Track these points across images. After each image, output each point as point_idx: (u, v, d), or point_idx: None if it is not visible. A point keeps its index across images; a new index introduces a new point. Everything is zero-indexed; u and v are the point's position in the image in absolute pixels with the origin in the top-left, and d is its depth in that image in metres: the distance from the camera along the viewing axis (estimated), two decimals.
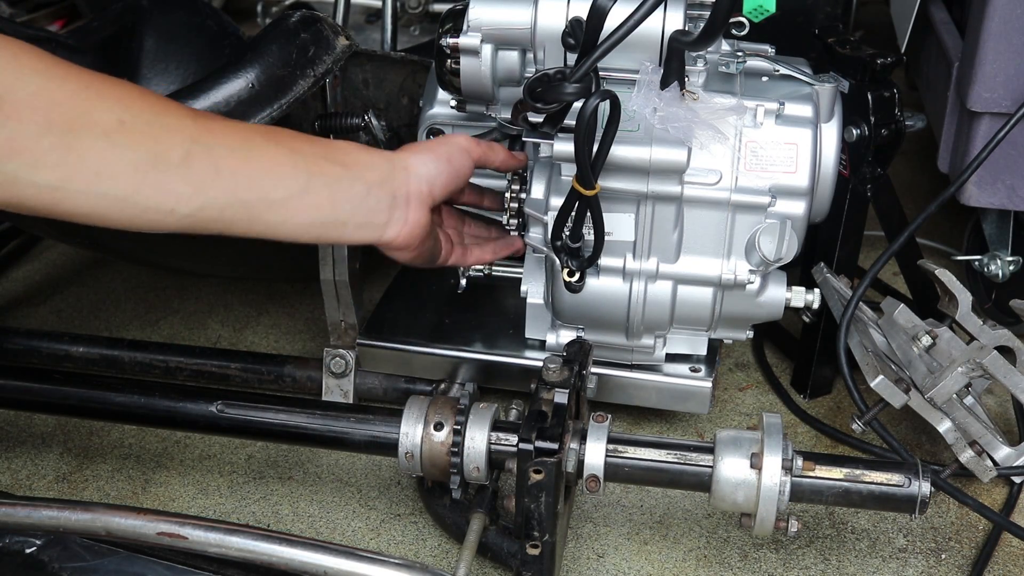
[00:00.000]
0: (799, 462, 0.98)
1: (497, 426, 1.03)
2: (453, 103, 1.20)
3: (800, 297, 1.16)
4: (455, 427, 1.02)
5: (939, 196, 1.16)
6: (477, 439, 1.02)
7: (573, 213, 1.04)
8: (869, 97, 1.21)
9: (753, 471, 0.97)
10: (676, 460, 1.01)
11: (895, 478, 0.99)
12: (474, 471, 1.02)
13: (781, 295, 1.15)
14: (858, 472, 0.99)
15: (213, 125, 0.86)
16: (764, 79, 1.15)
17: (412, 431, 1.03)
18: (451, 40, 1.12)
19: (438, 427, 1.03)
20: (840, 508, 1.18)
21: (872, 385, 1.09)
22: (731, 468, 0.98)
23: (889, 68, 1.22)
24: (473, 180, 1.24)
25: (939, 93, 1.38)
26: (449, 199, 1.05)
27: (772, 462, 0.97)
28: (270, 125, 0.93)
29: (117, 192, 0.80)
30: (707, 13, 1.04)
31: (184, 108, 0.86)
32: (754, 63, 1.15)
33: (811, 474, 0.99)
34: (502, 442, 1.02)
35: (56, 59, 0.79)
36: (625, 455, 1.01)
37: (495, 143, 1.08)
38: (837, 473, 0.99)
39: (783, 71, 1.15)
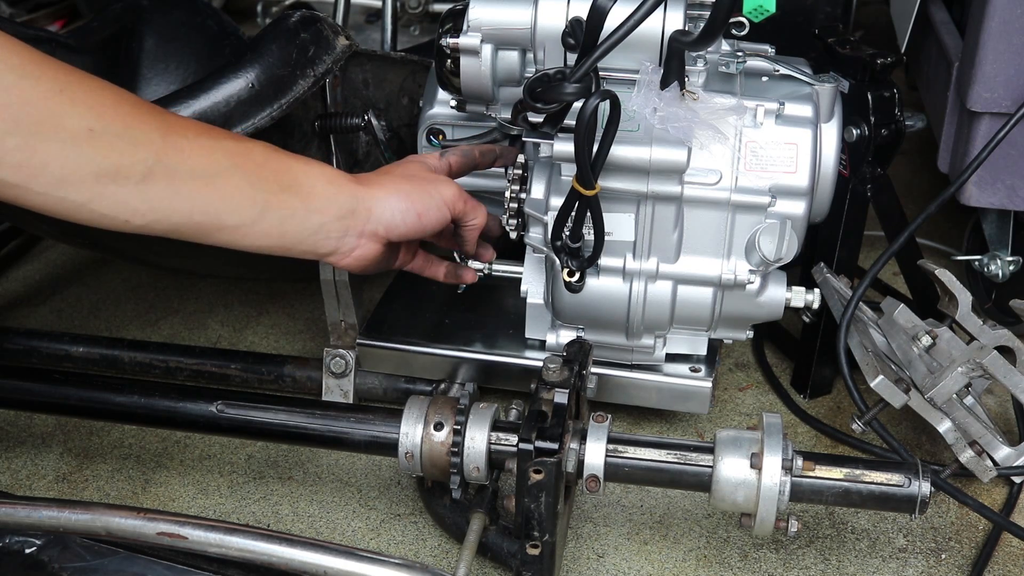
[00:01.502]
0: (799, 462, 0.98)
1: (497, 426, 1.03)
2: (453, 103, 1.20)
3: (800, 297, 1.16)
4: (455, 427, 1.02)
5: (939, 196, 1.16)
6: (477, 439, 1.02)
7: (573, 213, 1.04)
8: (869, 97, 1.21)
9: (753, 471, 0.97)
10: (676, 460, 1.01)
11: (895, 478, 0.99)
12: (474, 471, 1.02)
13: (781, 295, 1.15)
14: (858, 472, 0.99)
15: (182, 143, 0.86)
16: (764, 79, 1.15)
17: (412, 431, 1.03)
18: (451, 40, 1.12)
19: (438, 427, 1.03)
20: (840, 508, 1.18)
21: (872, 385, 1.08)
22: (731, 468, 0.98)
23: (889, 68, 1.22)
24: (471, 179, 1.25)
25: (939, 93, 1.38)
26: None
27: (772, 462, 0.97)
28: (247, 142, 0.93)
29: (75, 198, 0.81)
30: (707, 13, 1.04)
31: (157, 119, 0.85)
32: (754, 63, 1.15)
33: (811, 474, 0.99)
34: (502, 442, 1.02)
35: (35, 56, 0.79)
36: (625, 455, 1.01)
37: (479, 206, 1.07)
38: (837, 473, 0.99)
39: (783, 71, 1.15)
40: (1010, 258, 1.37)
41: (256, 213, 0.90)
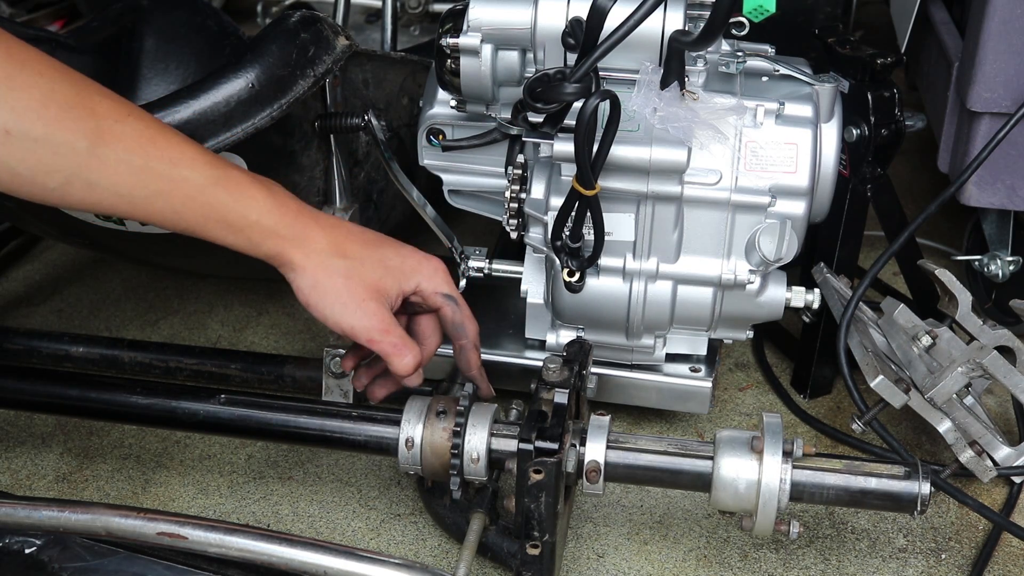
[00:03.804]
0: (799, 443, 0.98)
1: (497, 426, 1.03)
2: (453, 103, 1.20)
3: (800, 297, 1.16)
4: (455, 427, 1.02)
5: (939, 196, 1.16)
6: (477, 439, 1.02)
7: (573, 213, 1.04)
8: (869, 97, 1.21)
9: (753, 471, 0.97)
10: (676, 460, 1.01)
11: (895, 478, 0.99)
12: (474, 471, 1.02)
13: (781, 295, 1.15)
14: (858, 472, 0.99)
15: (109, 156, 0.83)
16: (764, 79, 1.15)
17: (412, 431, 1.03)
18: (451, 40, 1.12)
19: (438, 427, 1.03)
20: (840, 508, 1.18)
21: (872, 385, 1.08)
22: (731, 468, 0.98)
23: (889, 68, 1.22)
24: (471, 179, 1.25)
25: (939, 93, 1.38)
26: None
27: (772, 462, 0.97)
28: (186, 166, 0.87)
29: None
30: (707, 13, 1.04)
31: (87, 124, 0.82)
32: (754, 63, 1.15)
33: (811, 468, 0.99)
34: (502, 442, 1.02)
35: None
36: (625, 455, 1.01)
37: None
38: (837, 472, 0.99)
39: (783, 71, 1.15)
40: (1010, 258, 1.37)
41: (180, 232, 0.90)
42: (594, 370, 1.20)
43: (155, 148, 0.86)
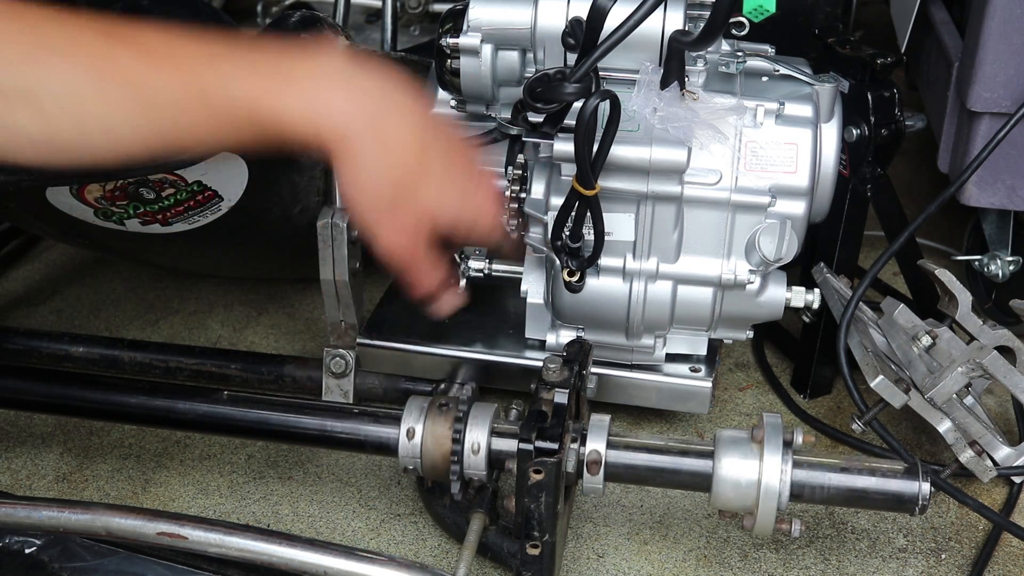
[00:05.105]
0: (799, 438, 0.98)
1: (497, 426, 1.03)
2: (453, 103, 1.20)
3: (800, 297, 1.16)
4: (455, 427, 1.02)
5: (939, 196, 1.16)
6: (477, 439, 1.02)
7: (573, 213, 1.04)
8: (869, 97, 1.21)
9: (753, 471, 0.97)
10: (676, 460, 1.01)
11: (895, 478, 0.99)
12: (474, 471, 1.02)
13: (781, 295, 1.15)
14: (858, 472, 0.99)
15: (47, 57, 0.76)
16: (764, 79, 1.15)
17: (412, 431, 1.03)
18: (451, 40, 1.12)
19: (438, 427, 1.03)
20: (840, 508, 1.18)
21: (872, 385, 1.09)
22: (731, 468, 0.98)
23: (889, 68, 1.22)
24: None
25: (939, 93, 1.38)
26: None
27: (772, 461, 0.97)
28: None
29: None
30: (707, 13, 1.04)
31: (98, 26, 0.78)
32: (754, 63, 1.15)
33: (811, 470, 0.99)
34: (502, 442, 1.02)
35: None
36: (625, 455, 1.01)
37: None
38: (837, 473, 0.99)
39: (783, 71, 1.15)
40: (1010, 258, 1.37)
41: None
42: (594, 370, 1.20)
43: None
